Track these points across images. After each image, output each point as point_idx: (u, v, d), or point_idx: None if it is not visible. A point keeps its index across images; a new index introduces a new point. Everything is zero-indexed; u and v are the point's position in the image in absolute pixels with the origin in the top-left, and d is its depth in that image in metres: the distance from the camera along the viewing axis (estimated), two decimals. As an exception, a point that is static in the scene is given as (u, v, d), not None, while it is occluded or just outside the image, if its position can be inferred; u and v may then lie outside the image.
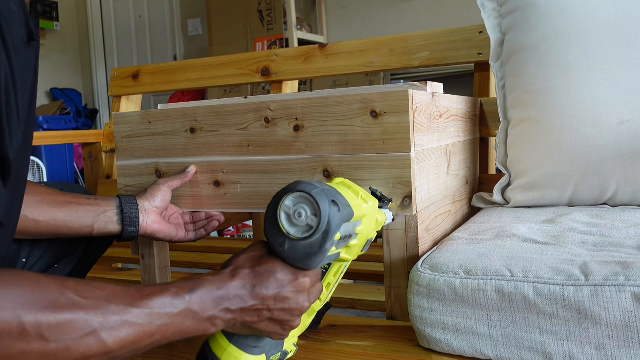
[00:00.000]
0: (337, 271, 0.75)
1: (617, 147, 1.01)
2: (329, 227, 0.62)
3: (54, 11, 4.37)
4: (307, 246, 0.62)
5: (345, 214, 0.65)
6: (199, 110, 0.98)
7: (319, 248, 0.62)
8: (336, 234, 0.63)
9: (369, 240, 0.75)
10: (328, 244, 0.62)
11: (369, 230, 0.73)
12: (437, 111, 0.96)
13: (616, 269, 0.67)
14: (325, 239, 0.62)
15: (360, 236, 0.71)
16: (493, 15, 1.20)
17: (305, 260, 0.63)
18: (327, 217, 0.62)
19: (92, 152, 1.89)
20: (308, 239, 0.62)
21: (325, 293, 0.75)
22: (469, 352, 0.73)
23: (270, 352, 0.70)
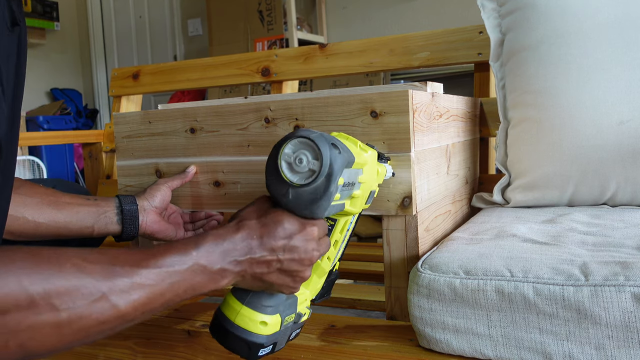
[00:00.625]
0: (344, 227, 0.74)
1: (617, 147, 1.01)
2: (331, 169, 0.61)
3: (54, 11, 4.37)
4: (312, 191, 0.61)
5: (346, 157, 0.64)
6: (199, 110, 0.98)
7: (323, 192, 0.61)
8: (339, 178, 0.62)
9: (372, 192, 0.74)
10: (332, 186, 0.61)
11: (371, 181, 0.72)
12: (437, 111, 0.96)
13: (616, 269, 0.67)
14: (329, 181, 0.61)
15: (363, 186, 0.70)
16: (493, 15, 1.20)
17: (311, 207, 0.62)
18: (329, 159, 0.61)
19: (92, 152, 1.89)
20: (312, 184, 0.61)
21: (333, 251, 0.74)
22: (469, 352, 0.73)
23: (285, 312, 0.69)
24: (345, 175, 0.64)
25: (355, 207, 0.71)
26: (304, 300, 0.73)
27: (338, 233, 0.74)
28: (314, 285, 0.75)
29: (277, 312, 0.68)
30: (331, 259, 0.74)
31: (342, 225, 0.74)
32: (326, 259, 0.73)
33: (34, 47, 4.38)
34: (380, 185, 0.81)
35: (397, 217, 0.86)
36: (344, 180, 0.64)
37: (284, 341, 0.71)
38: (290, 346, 0.82)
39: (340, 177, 0.63)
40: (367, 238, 2.55)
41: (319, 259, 0.67)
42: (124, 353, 0.96)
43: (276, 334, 0.68)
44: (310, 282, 0.74)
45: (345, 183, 0.65)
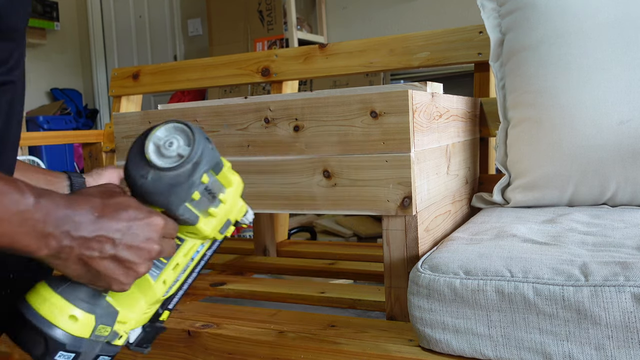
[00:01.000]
0: (189, 250, 0.67)
1: (617, 147, 1.01)
2: (200, 158, 0.59)
3: (54, 11, 4.37)
4: (174, 177, 0.58)
5: (216, 158, 0.62)
6: (199, 110, 0.98)
7: (186, 179, 0.58)
8: (204, 173, 0.60)
9: (229, 221, 0.69)
10: (196, 175, 0.59)
11: (232, 207, 0.67)
12: (437, 111, 0.96)
13: (616, 269, 0.67)
14: (194, 169, 0.58)
15: (222, 206, 0.65)
16: (493, 15, 1.20)
17: (167, 193, 0.58)
18: (201, 148, 0.59)
19: (92, 152, 1.89)
20: (176, 169, 0.58)
21: (171, 274, 0.65)
22: (469, 352, 0.73)
23: (101, 319, 0.60)
24: (210, 177, 0.61)
25: (208, 227, 0.65)
26: (125, 321, 0.63)
27: (182, 256, 0.66)
28: (139, 311, 0.65)
29: (93, 312, 0.59)
30: (167, 283, 0.65)
31: (188, 248, 0.66)
32: (161, 282, 0.65)
33: (34, 47, 4.38)
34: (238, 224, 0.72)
35: (397, 217, 0.86)
36: (208, 180, 0.61)
37: (89, 355, 0.60)
38: (290, 346, 0.82)
39: (205, 172, 0.60)
40: (367, 238, 2.55)
41: (159, 257, 0.60)
42: (124, 353, 0.96)
43: (83, 342, 0.58)
44: (136, 305, 0.64)
45: (207, 187, 0.62)
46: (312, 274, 1.34)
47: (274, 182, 0.93)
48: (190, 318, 0.95)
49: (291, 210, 0.93)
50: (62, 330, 0.57)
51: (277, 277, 1.62)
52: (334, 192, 0.89)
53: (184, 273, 0.68)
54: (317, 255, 1.48)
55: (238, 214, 0.70)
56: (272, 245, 1.49)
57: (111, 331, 0.62)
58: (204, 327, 0.90)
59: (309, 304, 1.12)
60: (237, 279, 1.26)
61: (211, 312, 0.98)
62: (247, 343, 0.85)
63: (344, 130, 0.87)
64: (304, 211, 0.92)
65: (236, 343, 0.86)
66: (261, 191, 0.94)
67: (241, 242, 1.69)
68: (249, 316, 0.95)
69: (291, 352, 0.82)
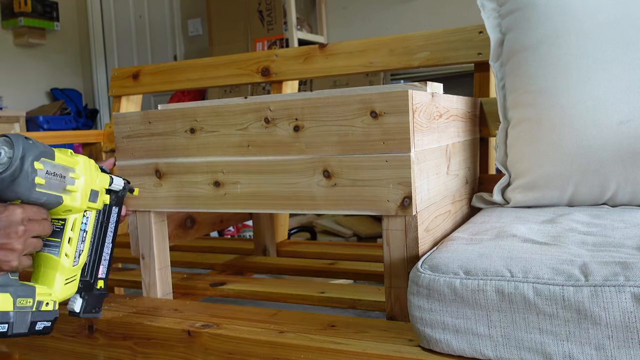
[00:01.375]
0: (75, 225, 0.85)
1: (617, 147, 1.01)
2: (24, 153, 0.74)
3: (54, 11, 4.37)
4: (11, 174, 0.74)
5: (42, 149, 0.77)
6: (199, 110, 0.98)
7: (19, 172, 0.74)
8: (35, 162, 0.75)
9: (95, 191, 0.87)
10: (26, 166, 0.74)
11: (88, 180, 0.85)
12: (437, 111, 0.96)
13: (616, 269, 0.67)
14: (22, 163, 0.74)
15: (78, 182, 0.83)
16: (493, 15, 1.20)
17: (12, 188, 0.75)
18: (21, 147, 0.74)
19: (92, 152, 1.89)
20: (9, 169, 0.74)
21: (69, 248, 0.84)
22: (469, 352, 0.73)
23: (17, 293, 0.78)
24: (46, 165, 0.77)
25: (76, 201, 0.83)
26: (47, 292, 0.82)
27: (70, 231, 0.84)
28: (59, 282, 0.84)
29: (6, 291, 0.76)
30: (70, 256, 0.84)
31: (72, 223, 0.85)
32: (64, 255, 0.83)
33: (34, 47, 4.38)
34: (111, 192, 0.93)
35: (397, 217, 0.86)
36: (43, 167, 0.77)
37: (23, 326, 0.79)
38: (290, 346, 0.82)
39: (36, 162, 0.75)
40: (367, 238, 2.55)
41: (30, 235, 0.76)
42: (124, 353, 0.96)
43: (9, 313, 0.77)
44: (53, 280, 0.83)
45: (48, 171, 0.78)
46: (312, 274, 1.34)
47: (274, 182, 0.93)
48: (190, 318, 0.95)
49: (291, 210, 0.93)
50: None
51: (277, 277, 1.62)
52: (334, 192, 0.89)
53: (83, 243, 0.87)
54: (317, 255, 1.48)
55: (102, 184, 0.89)
56: (272, 245, 1.49)
57: (35, 301, 0.80)
58: (204, 327, 0.90)
59: (309, 304, 1.12)
60: (237, 279, 1.26)
61: (211, 312, 0.98)
62: (247, 343, 0.85)
63: (344, 130, 0.87)
64: (304, 211, 0.92)
65: (236, 343, 0.86)
66: (261, 191, 0.94)
67: (241, 242, 1.69)
68: (249, 316, 0.95)
69: (291, 352, 0.82)
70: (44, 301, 0.81)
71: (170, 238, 1.13)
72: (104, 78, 4.72)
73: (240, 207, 0.96)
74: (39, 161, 0.76)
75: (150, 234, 1.06)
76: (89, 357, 0.99)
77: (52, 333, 1.02)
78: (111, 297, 1.10)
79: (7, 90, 4.17)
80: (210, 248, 1.62)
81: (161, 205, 1.03)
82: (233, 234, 2.97)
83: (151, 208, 1.04)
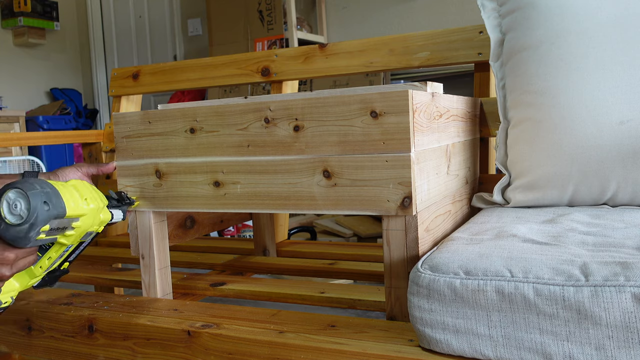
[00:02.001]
0: (59, 250, 0.90)
1: (617, 147, 1.01)
2: (35, 220, 0.79)
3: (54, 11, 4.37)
4: (16, 231, 0.79)
5: (55, 213, 0.81)
6: (199, 110, 0.98)
7: (24, 234, 0.79)
8: (43, 226, 0.80)
9: (89, 232, 0.91)
10: (32, 233, 0.79)
11: (87, 225, 0.89)
12: (437, 111, 0.96)
13: (616, 269, 0.67)
14: (30, 229, 0.79)
15: (77, 229, 0.87)
16: (493, 15, 1.20)
17: (14, 241, 0.80)
18: (36, 213, 0.78)
19: (92, 152, 1.89)
20: (18, 227, 0.79)
21: (46, 263, 0.90)
22: (469, 352, 0.73)
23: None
24: (53, 224, 0.82)
25: (69, 241, 0.88)
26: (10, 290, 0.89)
27: (53, 252, 0.90)
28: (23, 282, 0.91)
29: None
30: (43, 268, 0.91)
31: (57, 249, 0.90)
32: (39, 267, 0.90)
33: (34, 47, 4.38)
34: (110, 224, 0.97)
35: (397, 217, 0.86)
36: (49, 227, 0.81)
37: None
38: (290, 346, 0.82)
39: (44, 226, 0.80)
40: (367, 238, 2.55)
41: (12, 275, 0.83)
42: (124, 353, 0.96)
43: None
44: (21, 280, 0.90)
45: (52, 229, 0.82)
46: (312, 274, 1.34)
47: (274, 182, 0.93)
48: (190, 318, 0.95)
49: (291, 210, 0.93)
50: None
51: (277, 277, 1.62)
52: (334, 192, 0.89)
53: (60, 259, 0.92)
54: (317, 255, 1.48)
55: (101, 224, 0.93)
56: (272, 245, 1.49)
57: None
58: (204, 327, 0.90)
59: (309, 304, 1.12)
60: (237, 279, 1.26)
61: (211, 312, 0.98)
62: (247, 343, 0.85)
63: (344, 130, 0.87)
64: (304, 211, 0.92)
65: (236, 343, 0.86)
66: (261, 191, 0.94)
67: (241, 242, 1.69)
68: (249, 316, 0.95)
69: (291, 352, 0.82)
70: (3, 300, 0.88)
71: (170, 238, 1.13)
72: (104, 78, 4.72)
73: (240, 207, 0.96)
74: (47, 224, 0.80)
75: (150, 234, 1.06)
76: (89, 357, 0.99)
77: (52, 333, 1.02)
78: (111, 297, 1.10)
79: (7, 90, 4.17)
80: (210, 248, 1.62)
81: (161, 205, 1.03)
82: (233, 234, 2.97)
83: (151, 208, 1.04)
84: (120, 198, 1.00)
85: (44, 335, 1.03)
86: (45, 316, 1.03)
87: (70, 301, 1.07)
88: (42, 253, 0.90)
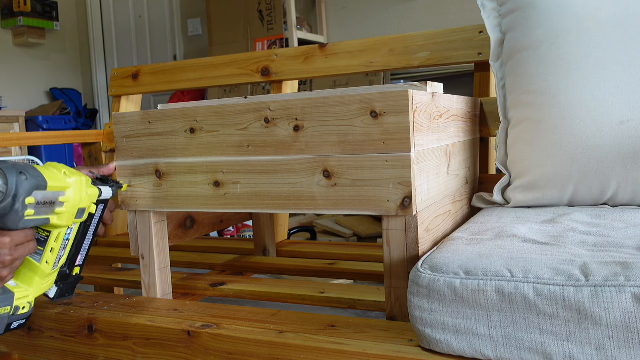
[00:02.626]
0: (58, 237, 0.89)
1: (617, 147, 1.01)
2: (16, 191, 0.77)
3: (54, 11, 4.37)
4: (2, 209, 0.77)
5: (34, 183, 0.79)
6: (199, 110, 0.98)
7: (10, 209, 0.77)
8: (27, 198, 0.78)
9: (82, 209, 0.90)
10: (17, 204, 0.77)
11: (76, 200, 0.88)
12: (437, 111, 0.96)
13: (616, 269, 0.67)
14: (14, 202, 0.77)
15: (67, 204, 0.86)
16: (493, 15, 1.20)
17: (3, 220, 0.78)
18: (15, 184, 0.77)
19: (92, 152, 1.89)
20: (1, 203, 0.77)
21: (50, 256, 0.89)
22: (469, 352, 0.73)
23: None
24: (38, 196, 0.80)
25: (63, 220, 0.87)
26: (24, 296, 0.88)
27: (53, 242, 0.89)
28: (37, 284, 0.89)
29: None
30: (50, 263, 0.90)
31: (56, 236, 0.89)
32: (45, 262, 0.89)
33: (34, 47, 4.38)
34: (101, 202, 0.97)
35: (397, 217, 0.86)
36: (35, 199, 0.80)
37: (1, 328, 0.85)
38: (290, 346, 0.82)
39: (28, 197, 0.78)
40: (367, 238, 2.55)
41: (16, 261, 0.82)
42: (124, 353, 0.96)
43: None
44: (32, 282, 0.89)
45: (39, 202, 0.81)
46: (312, 274, 1.34)
47: (274, 182, 0.93)
48: (190, 318, 0.95)
49: (291, 210, 0.93)
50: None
51: (277, 277, 1.62)
52: (334, 192, 0.89)
53: (65, 249, 0.92)
54: (317, 255, 1.48)
55: (91, 199, 0.92)
56: (272, 245, 1.49)
57: (12, 307, 0.86)
58: (204, 327, 0.90)
59: (309, 304, 1.11)
60: (237, 279, 1.26)
61: (211, 312, 0.98)
62: (247, 343, 0.85)
63: (344, 130, 0.87)
64: (304, 211, 0.92)
65: (236, 343, 0.86)
66: (261, 191, 0.94)
67: (241, 242, 1.69)
68: (249, 316, 0.95)
69: (291, 352, 0.82)
70: (20, 306, 0.87)
71: (170, 238, 1.12)
72: (104, 78, 4.72)
73: (240, 207, 0.96)
74: (30, 196, 0.79)
75: (150, 234, 1.06)
76: (89, 357, 0.99)
77: (52, 333, 1.02)
78: (111, 297, 1.10)
79: (7, 90, 4.17)
80: (210, 248, 1.62)
81: (161, 205, 1.03)
82: (233, 234, 2.97)
83: (151, 208, 1.04)
84: (103, 179, 1.00)
85: (44, 335, 1.03)
86: (45, 316, 1.03)
87: (70, 301, 1.07)
88: (42, 246, 0.89)
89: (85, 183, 0.91)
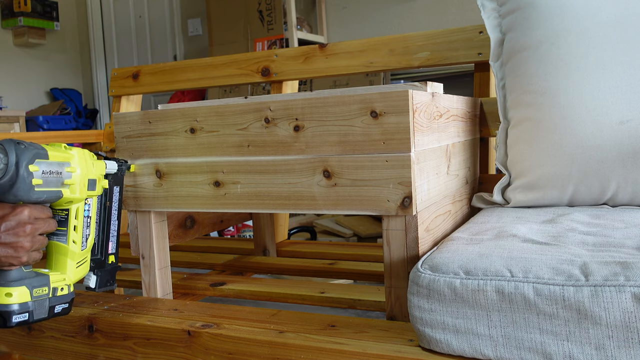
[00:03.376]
0: (77, 213, 0.90)
1: (617, 147, 1.01)
2: (17, 159, 0.78)
3: (54, 11, 4.37)
4: (9, 180, 0.78)
5: (34, 152, 0.81)
6: (199, 110, 0.98)
7: (16, 177, 0.78)
8: (29, 166, 0.79)
9: (92, 180, 0.91)
10: (22, 171, 0.78)
11: (83, 171, 0.89)
12: (437, 111, 0.96)
13: (616, 269, 0.67)
14: (18, 169, 0.78)
15: (75, 175, 0.87)
16: (493, 15, 1.20)
17: (13, 192, 0.79)
18: (14, 153, 0.78)
19: (92, 152, 1.89)
20: (6, 175, 0.78)
21: (76, 235, 0.90)
22: (469, 352, 0.73)
23: (32, 284, 0.83)
24: (42, 165, 0.81)
25: (75, 193, 0.88)
26: (60, 279, 0.88)
27: (74, 219, 0.90)
28: (71, 267, 0.90)
29: (23, 284, 0.82)
30: (77, 242, 0.90)
31: (75, 212, 0.90)
32: (72, 242, 0.89)
33: (34, 47, 4.38)
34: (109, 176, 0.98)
35: (397, 217, 0.86)
36: (39, 168, 0.81)
37: (43, 312, 0.84)
38: (290, 346, 0.82)
39: (31, 164, 0.80)
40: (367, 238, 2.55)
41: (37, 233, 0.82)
42: (124, 353, 0.96)
43: (28, 303, 0.82)
44: (65, 265, 0.90)
45: (44, 171, 0.82)
46: (312, 274, 1.34)
47: (274, 182, 0.93)
48: (190, 318, 0.95)
49: (291, 210, 0.93)
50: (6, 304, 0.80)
51: (277, 277, 1.62)
52: (334, 192, 0.89)
53: (89, 227, 0.93)
54: (317, 255, 1.48)
55: (99, 171, 0.93)
56: (272, 245, 1.49)
57: (50, 289, 0.85)
58: (204, 327, 0.90)
59: (309, 304, 1.12)
60: (237, 279, 1.26)
61: (211, 312, 0.98)
62: (247, 343, 0.85)
63: (344, 130, 0.87)
64: (304, 211, 0.92)
65: (236, 343, 0.86)
66: (261, 191, 0.94)
67: (241, 242, 1.69)
68: (249, 316, 0.95)
69: (291, 352, 0.82)
70: (58, 287, 0.87)
71: (170, 238, 1.13)
72: (104, 78, 4.72)
73: (240, 207, 0.96)
74: (33, 164, 0.81)
75: (150, 234, 1.06)
76: (89, 357, 0.99)
77: (52, 333, 1.02)
78: (112, 297, 1.10)
79: (7, 90, 4.17)
80: (210, 248, 1.62)
81: (161, 205, 1.03)
82: (233, 234, 2.97)
83: (151, 208, 1.04)
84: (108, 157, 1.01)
85: (44, 335, 1.03)
86: (45, 316, 1.03)
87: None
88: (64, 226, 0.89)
89: (88, 155, 0.92)
